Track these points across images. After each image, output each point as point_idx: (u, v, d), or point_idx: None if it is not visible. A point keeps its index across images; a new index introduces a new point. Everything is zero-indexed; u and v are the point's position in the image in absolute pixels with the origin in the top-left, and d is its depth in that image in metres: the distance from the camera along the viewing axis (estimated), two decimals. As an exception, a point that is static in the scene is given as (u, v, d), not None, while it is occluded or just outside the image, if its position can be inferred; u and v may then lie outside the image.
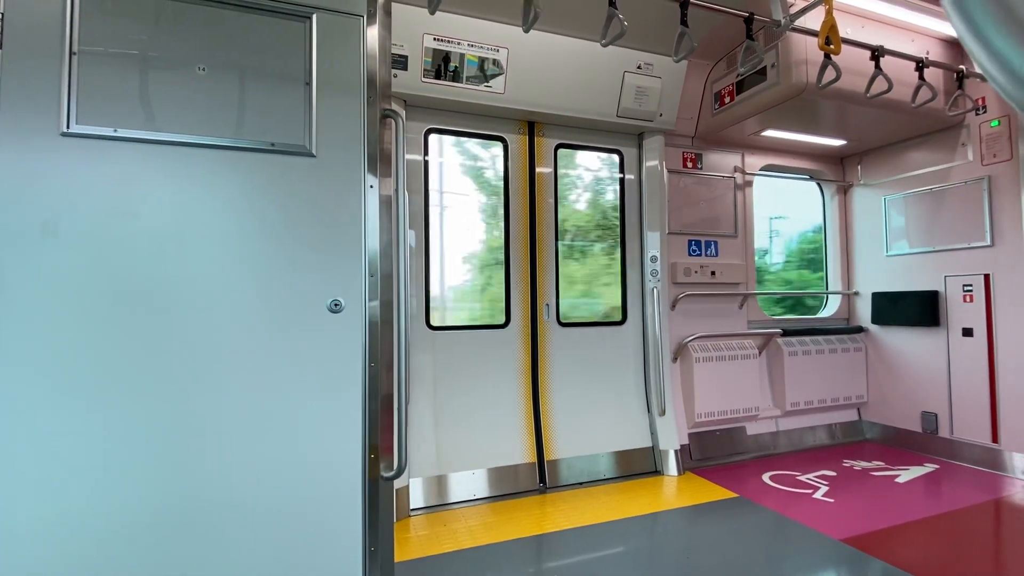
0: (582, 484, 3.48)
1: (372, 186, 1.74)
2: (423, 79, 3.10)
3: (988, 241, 3.69)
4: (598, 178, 3.93)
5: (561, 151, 3.78)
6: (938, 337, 4.00)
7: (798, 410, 4.27)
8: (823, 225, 4.88)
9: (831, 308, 4.77)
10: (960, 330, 3.85)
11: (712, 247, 4.18)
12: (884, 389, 4.43)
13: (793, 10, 2.93)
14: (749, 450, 4.07)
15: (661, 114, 3.72)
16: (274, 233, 1.63)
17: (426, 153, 3.39)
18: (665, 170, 3.94)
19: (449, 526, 2.85)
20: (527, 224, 3.63)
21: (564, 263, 3.74)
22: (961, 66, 3.52)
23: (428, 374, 3.31)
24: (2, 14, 1.40)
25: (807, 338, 4.38)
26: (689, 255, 4.09)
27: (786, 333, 4.31)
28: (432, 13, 2.50)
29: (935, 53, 3.62)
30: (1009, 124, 3.60)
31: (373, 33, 1.78)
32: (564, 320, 3.71)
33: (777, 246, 4.97)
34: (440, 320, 3.42)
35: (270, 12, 1.66)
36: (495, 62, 3.22)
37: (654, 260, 3.82)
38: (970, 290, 3.79)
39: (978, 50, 0.68)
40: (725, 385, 3.99)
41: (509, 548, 2.59)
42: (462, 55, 3.15)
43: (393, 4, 2.85)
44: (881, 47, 3.17)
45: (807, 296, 4.90)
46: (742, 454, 4.03)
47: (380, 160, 1.77)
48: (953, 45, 3.77)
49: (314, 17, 1.70)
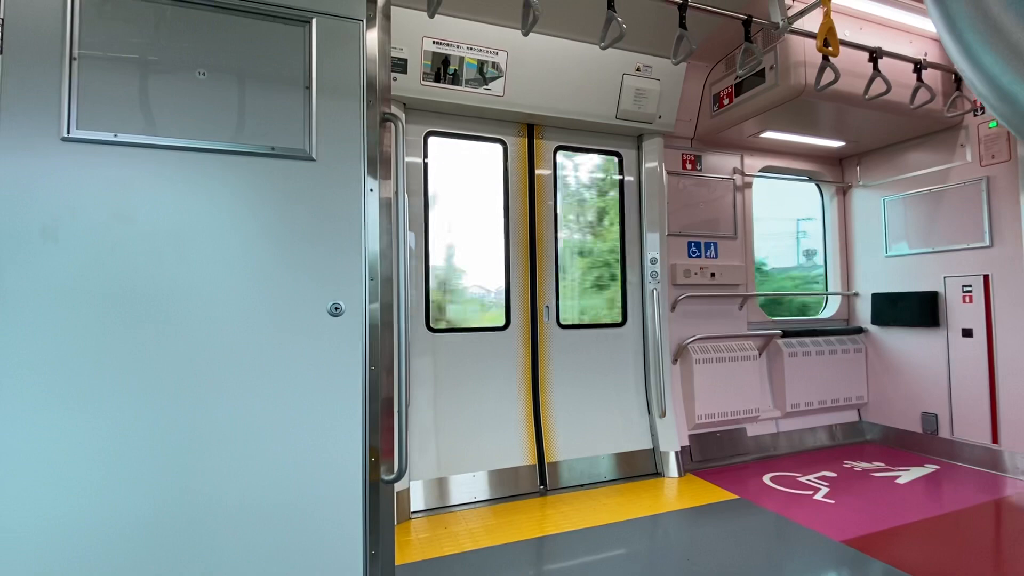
0: (583, 486, 3.48)
1: (372, 189, 1.75)
2: (423, 82, 3.10)
3: (987, 242, 3.69)
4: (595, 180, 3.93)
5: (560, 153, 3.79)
6: (938, 338, 4.00)
7: (798, 411, 4.27)
8: (823, 226, 4.89)
9: (831, 309, 4.77)
10: (960, 331, 3.85)
11: (712, 248, 4.19)
12: (884, 390, 4.43)
13: (791, 12, 2.94)
14: (749, 451, 4.06)
15: (660, 116, 3.72)
16: (274, 237, 1.63)
17: (426, 156, 3.39)
18: (664, 172, 3.95)
19: (450, 529, 2.85)
20: (527, 226, 3.64)
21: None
22: None
23: (428, 376, 3.31)
24: (2, 19, 1.40)
25: (807, 339, 4.38)
26: (689, 257, 4.09)
27: (786, 334, 4.31)
28: (431, 16, 2.50)
29: (933, 55, 3.63)
30: (1007, 125, 3.60)
31: (372, 37, 1.79)
32: (564, 322, 3.72)
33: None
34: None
35: (270, 16, 1.66)
36: (494, 65, 3.23)
37: (654, 262, 3.82)
38: (969, 291, 3.79)
39: (968, 68, 0.68)
40: (725, 386, 3.99)
41: (510, 551, 2.58)
42: (461, 58, 3.15)
43: (392, 7, 2.85)
44: (879, 49, 3.18)
45: (807, 297, 4.90)
46: (743, 455, 4.03)
47: (380, 163, 1.77)
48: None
49: (314, 21, 1.71)
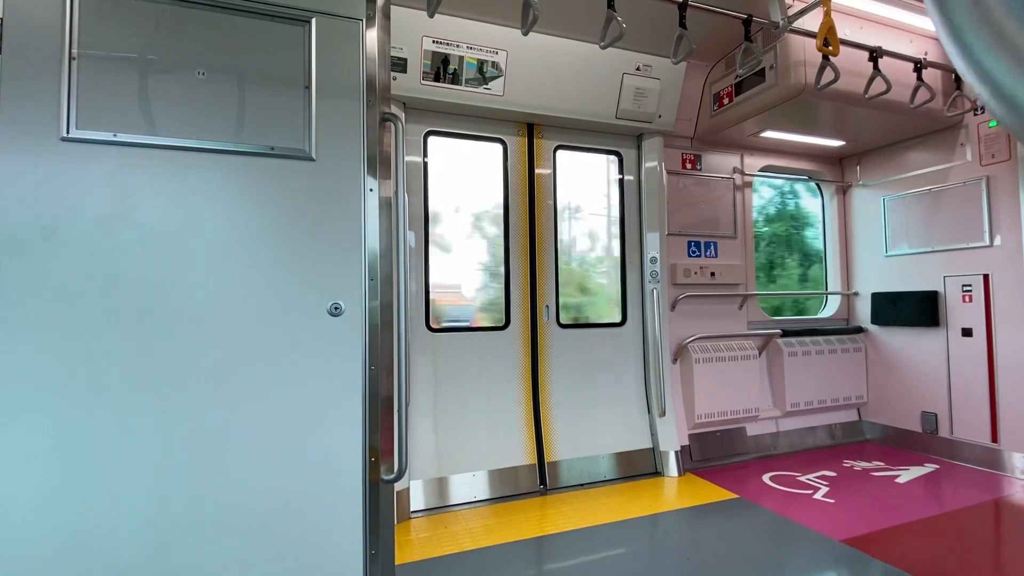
0: (582, 486, 3.48)
1: (372, 189, 1.75)
2: (422, 82, 3.10)
3: (987, 241, 3.69)
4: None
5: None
6: (938, 337, 4.00)
7: (798, 411, 4.27)
8: (822, 226, 4.89)
9: (831, 308, 4.77)
10: (959, 330, 3.85)
11: (711, 248, 4.19)
12: (884, 389, 4.43)
13: (791, 11, 2.93)
14: (749, 451, 4.07)
15: (660, 115, 3.72)
16: (274, 236, 1.63)
17: (425, 155, 3.39)
18: (664, 171, 3.94)
19: (450, 528, 2.85)
20: (526, 226, 3.64)
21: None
22: None
23: (428, 376, 3.31)
24: (1, 19, 1.40)
25: (807, 339, 4.38)
26: (689, 256, 4.09)
27: (786, 334, 4.31)
28: (431, 16, 2.50)
29: (933, 54, 3.62)
30: (1007, 124, 3.60)
31: (372, 36, 1.78)
32: (565, 322, 3.72)
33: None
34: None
35: (269, 16, 1.66)
36: (494, 64, 3.23)
37: (654, 261, 3.82)
38: (969, 290, 3.79)
39: (968, 71, 0.68)
40: (725, 386, 3.99)
41: (510, 550, 2.59)
42: (461, 57, 3.15)
43: (392, 7, 2.85)
44: (879, 48, 3.18)
45: (807, 297, 4.90)
46: (742, 455, 4.03)
47: (380, 163, 1.77)
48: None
49: (313, 21, 1.71)
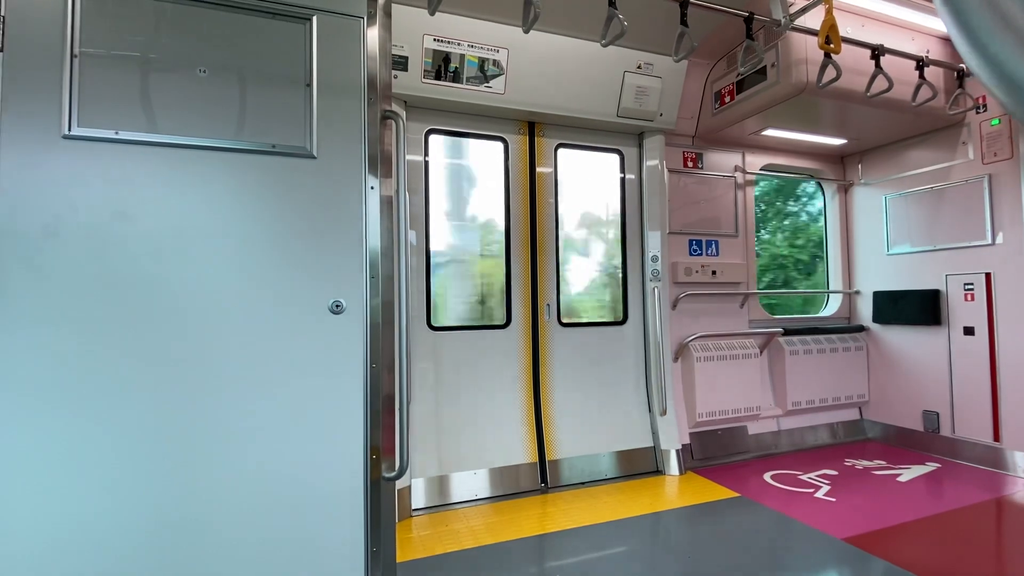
0: (583, 484, 3.48)
1: (373, 187, 1.75)
2: (423, 80, 3.10)
3: (989, 240, 3.68)
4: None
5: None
6: (939, 336, 4.00)
7: (799, 409, 4.27)
8: (824, 224, 4.88)
9: (832, 307, 4.76)
10: (961, 329, 3.85)
11: (713, 246, 4.18)
12: (885, 388, 4.42)
13: (793, 9, 2.93)
14: (750, 449, 4.06)
15: (661, 114, 3.71)
16: (275, 234, 1.63)
17: (426, 154, 3.39)
18: (665, 170, 3.94)
19: (451, 526, 2.85)
20: (528, 224, 3.63)
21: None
22: (961, 65, 3.52)
23: (429, 374, 3.31)
24: (3, 16, 1.40)
25: (808, 337, 4.37)
26: (690, 255, 4.09)
27: (787, 332, 4.31)
28: (432, 14, 2.50)
29: (935, 52, 3.62)
30: (1009, 122, 3.59)
31: (373, 34, 1.78)
32: (565, 320, 3.72)
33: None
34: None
35: (270, 14, 1.66)
36: (495, 63, 3.22)
37: (655, 260, 3.82)
38: (971, 289, 3.78)
39: (973, 56, 0.67)
40: (726, 384, 3.99)
41: (511, 548, 2.59)
42: (462, 56, 3.15)
43: (393, 5, 2.85)
44: (881, 46, 3.17)
45: (808, 296, 4.90)
46: (743, 453, 4.03)
47: (381, 161, 1.77)
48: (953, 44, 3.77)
49: (314, 19, 1.71)
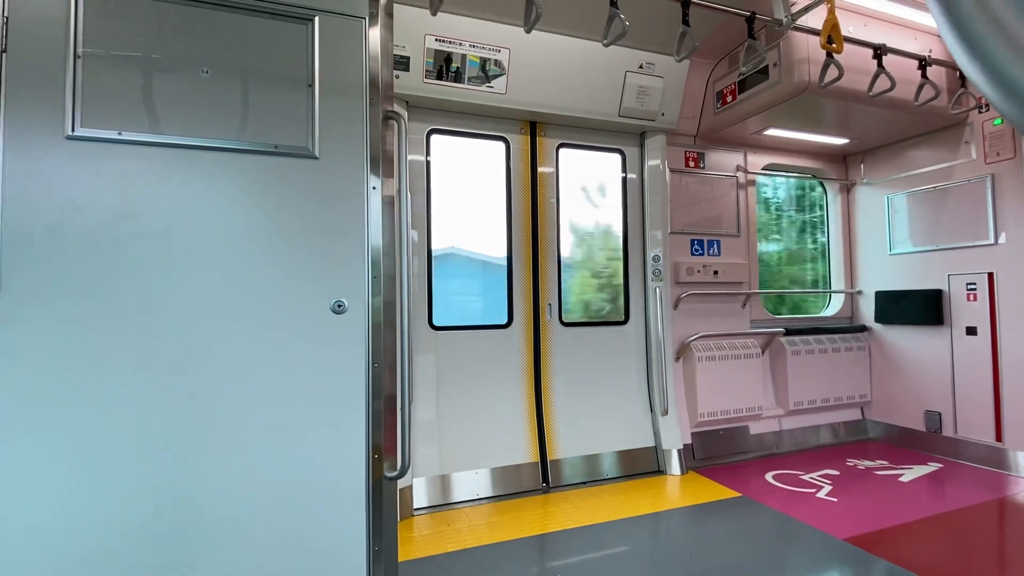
0: (585, 484, 3.48)
1: (375, 187, 1.75)
2: (425, 80, 3.10)
3: (992, 239, 3.67)
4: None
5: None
6: (942, 336, 3.99)
7: (801, 409, 4.26)
8: (826, 224, 4.87)
9: (834, 307, 4.75)
10: (964, 328, 3.84)
11: (715, 246, 4.18)
12: (888, 388, 4.42)
13: (795, 9, 2.92)
14: (752, 449, 4.06)
15: (663, 113, 3.71)
16: (277, 235, 1.64)
17: (428, 154, 3.39)
18: (667, 169, 3.94)
19: (452, 526, 2.85)
20: (529, 224, 3.64)
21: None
22: None
23: (431, 374, 3.32)
24: (7, 17, 1.41)
25: (810, 337, 4.37)
26: (692, 254, 4.08)
27: (789, 332, 4.30)
28: (434, 14, 2.50)
29: (938, 51, 3.61)
30: (1013, 122, 3.58)
31: (375, 34, 1.79)
32: (567, 320, 3.72)
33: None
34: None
35: (273, 15, 1.67)
36: (497, 63, 3.23)
37: (656, 260, 3.82)
38: (974, 288, 3.78)
39: (969, 64, 0.67)
40: (728, 384, 3.98)
41: (512, 547, 2.59)
42: (464, 56, 3.15)
43: (395, 5, 2.85)
44: (883, 45, 3.17)
45: (809, 295, 4.89)
46: (745, 453, 4.03)
47: (383, 161, 1.77)
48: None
49: (316, 19, 1.71)
